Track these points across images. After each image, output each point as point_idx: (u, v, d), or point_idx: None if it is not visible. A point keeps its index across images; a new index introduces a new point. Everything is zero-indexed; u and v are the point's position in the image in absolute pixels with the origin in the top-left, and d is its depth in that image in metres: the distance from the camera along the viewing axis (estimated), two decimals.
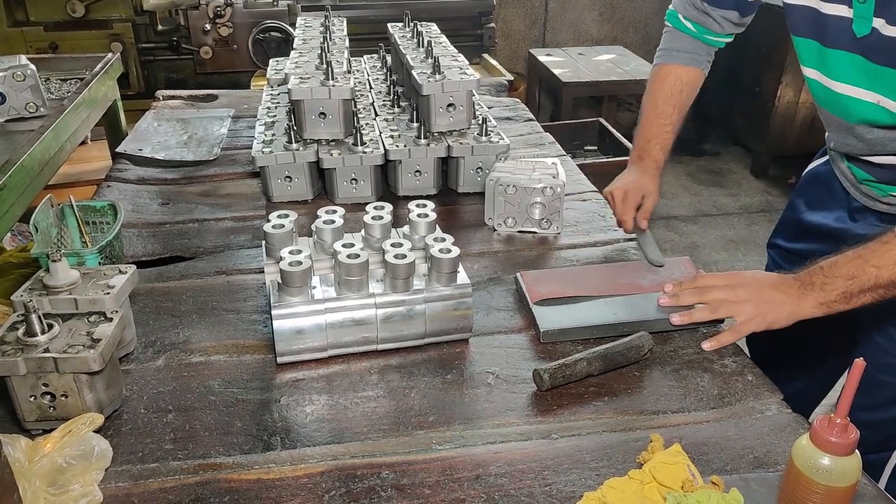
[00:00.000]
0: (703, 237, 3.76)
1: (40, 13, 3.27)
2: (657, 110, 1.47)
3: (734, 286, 1.16)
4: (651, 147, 1.46)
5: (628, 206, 1.41)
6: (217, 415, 1.01)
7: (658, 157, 1.46)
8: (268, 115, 1.76)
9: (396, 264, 1.09)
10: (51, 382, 0.93)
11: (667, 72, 1.48)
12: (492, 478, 0.90)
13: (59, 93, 2.03)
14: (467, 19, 3.69)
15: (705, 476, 0.88)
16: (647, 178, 1.45)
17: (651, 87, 1.50)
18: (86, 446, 0.89)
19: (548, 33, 4.77)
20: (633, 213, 1.41)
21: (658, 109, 1.47)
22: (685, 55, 1.47)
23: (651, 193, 1.43)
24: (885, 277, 1.04)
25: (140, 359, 1.12)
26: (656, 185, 1.45)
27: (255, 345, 1.15)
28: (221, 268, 1.37)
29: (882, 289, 1.05)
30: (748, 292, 1.14)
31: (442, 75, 1.57)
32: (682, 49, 1.47)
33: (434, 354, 1.13)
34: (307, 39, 1.86)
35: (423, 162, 1.60)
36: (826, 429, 0.77)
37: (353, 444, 0.96)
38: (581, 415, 1.01)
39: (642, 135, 1.49)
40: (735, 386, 1.07)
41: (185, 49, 3.40)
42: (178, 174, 1.76)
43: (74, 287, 1.02)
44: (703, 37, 1.46)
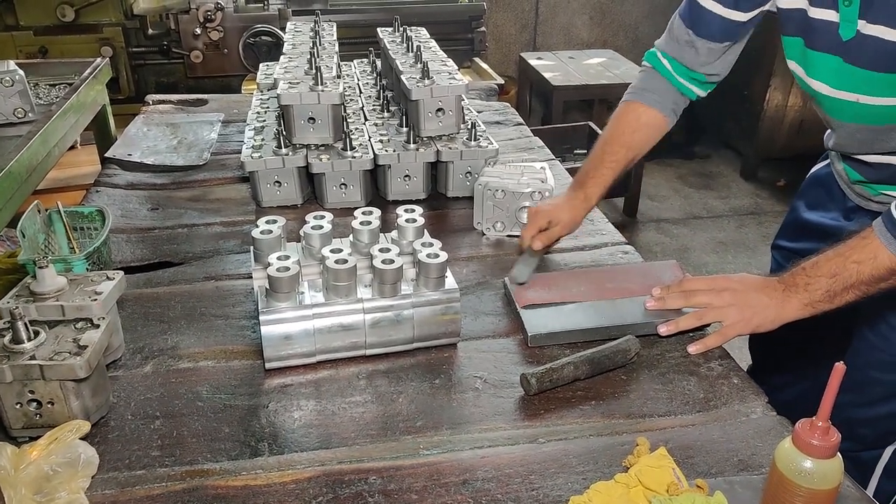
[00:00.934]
0: (694, 239, 3.78)
1: (30, 17, 3.26)
2: (605, 147, 1.42)
3: (719, 290, 1.17)
4: (587, 181, 1.41)
5: (531, 227, 1.37)
6: (205, 421, 1.01)
7: (590, 193, 1.40)
8: (257, 119, 1.76)
9: (384, 269, 1.09)
10: (37, 390, 0.93)
11: (627, 110, 1.43)
12: (479, 482, 0.91)
13: (48, 98, 2.02)
14: (458, 23, 3.70)
15: (690, 479, 0.89)
16: (567, 208, 1.39)
17: (609, 123, 1.45)
18: (72, 454, 0.89)
19: (538, 37, 4.78)
20: (533, 234, 1.36)
21: (606, 146, 1.42)
22: (651, 96, 1.41)
23: (561, 222, 1.38)
24: (865, 273, 1.06)
25: (128, 365, 1.12)
26: (574, 216, 1.39)
27: (243, 350, 1.15)
28: (210, 273, 1.37)
29: (864, 285, 1.07)
30: (733, 296, 1.15)
31: (431, 80, 1.58)
32: (650, 89, 1.41)
33: (422, 359, 1.13)
34: (297, 44, 1.86)
35: (412, 166, 1.61)
36: (808, 432, 0.77)
37: (340, 449, 0.96)
38: (568, 419, 1.02)
39: (584, 167, 1.45)
40: (721, 389, 1.07)
41: (175, 53, 3.40)
42: (168, 179, 1.76)
43: (61, 293, 1.02)
44: (675, 79, 1.39)
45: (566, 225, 1.38)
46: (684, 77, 1.39)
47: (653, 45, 1.44)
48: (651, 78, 1.42)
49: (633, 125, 1.41)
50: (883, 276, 1.05)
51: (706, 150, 4.66)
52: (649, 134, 1.42)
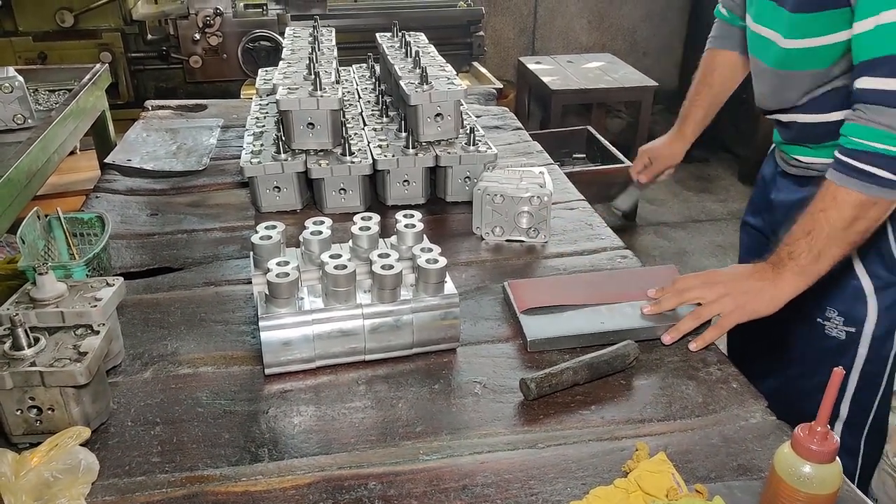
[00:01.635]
0: (693, 243, 3.78)
1: (29, 23, 3.26)
2: (692, 91, 1.69)
3: (711, 284, 1.19)
4: (681, 122, 1.71)
5: (637, 163, 1.75)
6: (205, 427, 1.01)
7: (685, 131, 1.70)
8: (256, 125, 1.76)
9: (383, 275, 1.09)
10: (37, 396, 0.93)
11: (705, 57, 1.67)
12: (478, 488, 0.91)
13: (47, 104, 2.03)
14: (457, 28, 3.70)
15: (690, 484, 0.89)
16: (667, 146, 1.72)
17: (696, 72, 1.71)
18: (72, 460, 0.89)
19: (537, 41, 4.79)
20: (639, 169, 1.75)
21: (693, 91, 1.68)
22: (721, 41, 1.62)
23: (660, 157, 1.72)
24: (834, 218, 1.09)
25: (127, 371, 1.12)
26: (674, 152, 1.71)
27: (243, 356, 1.16)
28: (210, 279, 1.37)
29: (840, 233, 1.09)
30: (726, 287, 1.17)
31: (429, 85, 1.58)
32: (719, 35, 1.62)
33: (421, 364, 1.14)
34: (296, 49, 1.87)
35: (411, 171, 1.61)
36: (807, 437, 0.78)
37: (340, 455, 0.96)
38: (567, 424, 1.02)
39: (681, 111, 1.73)
40: (720, 394, 1.08)
41: (174, 58, 3.40)
42: (167, 185, 1.76)
43: (61, 300, 1.02)
44: (736, 22, 1.55)
45: (665, 158, 1.71)
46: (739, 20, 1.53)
47: (651, 48, 1.52)
48: (719, 25, 1.63)
49: (710, 66, 1.64)
50: (849, 216, 1.08)
51: (704, 154, 4.67)
52: (727, 72, 1.63)
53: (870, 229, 1.11)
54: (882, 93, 1.06)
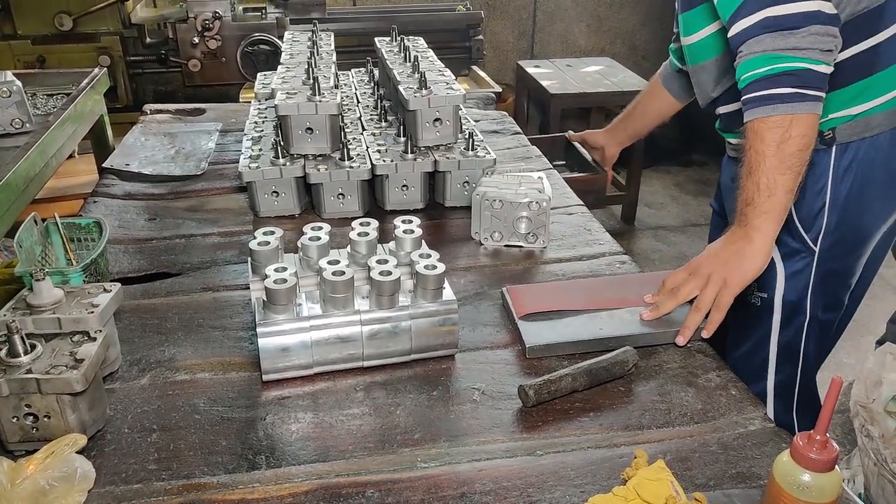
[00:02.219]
0: (691, 247, 3.78)
1: (28, 27, 3.26)
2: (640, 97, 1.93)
3: (696, 273, 1.20)
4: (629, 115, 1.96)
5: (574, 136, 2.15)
6: (202, 434, 1.01)
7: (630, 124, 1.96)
8: (255, 129, 1.76)
9: (382, 281, 1.09)
10: (33, 403, 0.92)
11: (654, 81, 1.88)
12: (476, 496, 0.90)
13: (45, 108, 2.02)
14: (455, 31, 3.70)
15: (688, 492, 0.88)
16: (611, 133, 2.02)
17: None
18: (68, 468, 0.89)
19: (536, 45, 4.79)
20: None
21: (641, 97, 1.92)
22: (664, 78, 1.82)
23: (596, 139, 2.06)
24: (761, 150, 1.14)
25: (125, 377, 1.11)
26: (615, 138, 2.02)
27: (240, 362, 1.15)
28: (208, 284, 1.37)
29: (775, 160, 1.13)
30: (710, 268, 1.19)
31: (428, 90, 1.58)
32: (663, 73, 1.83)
33: (420, 371, 1.13)
34: (294, 54, 1.87)
35: (409, 176, 1.61)
36: (806, 445, 0.77)
37: (338, 462, 0.96)
38: (566, 431, 1.02)
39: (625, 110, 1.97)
40: (719, 400, 1.07)
41: (173, 62, 3.40)
42: (166, 189, 1.76)
43: (58, 306, 1.02)
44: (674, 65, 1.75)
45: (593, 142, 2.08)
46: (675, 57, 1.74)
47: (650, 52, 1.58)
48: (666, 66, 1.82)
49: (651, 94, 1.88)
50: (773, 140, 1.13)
51: (703, 158, 4.67)
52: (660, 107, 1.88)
53: (805, 147, 1.14)
54: (747, 29, 1.14)
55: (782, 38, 1.12)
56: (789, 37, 1.11)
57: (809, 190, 1.35)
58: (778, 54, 1.12)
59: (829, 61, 1.13)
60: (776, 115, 1.13)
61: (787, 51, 1.11)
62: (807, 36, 1.10)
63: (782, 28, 1.11)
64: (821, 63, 1.12)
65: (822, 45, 1.11)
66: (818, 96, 1.13)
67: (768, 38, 1.13)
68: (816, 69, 1.12)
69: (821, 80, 1.13)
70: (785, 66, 1.12)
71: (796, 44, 1.11)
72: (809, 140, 1.14)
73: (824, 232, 1.38)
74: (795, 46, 1.11)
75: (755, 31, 1.13)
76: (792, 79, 1.12)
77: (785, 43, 1.11)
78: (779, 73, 1.12)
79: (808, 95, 1.12)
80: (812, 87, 1.12)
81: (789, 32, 1.11)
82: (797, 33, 1.11)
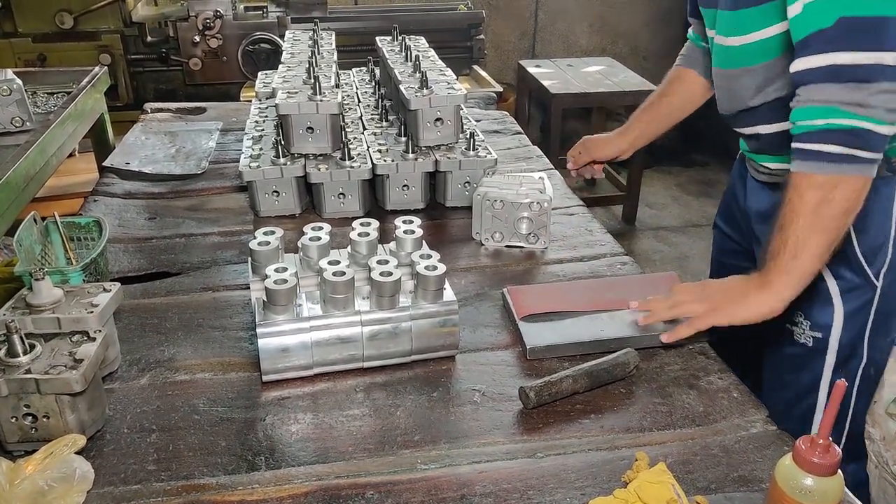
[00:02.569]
0: (692, 247, 3.78)
1: (29, 25, 3.25)
2: (650, 97, 1.68)
3: (703, 299, 1.17)
4: (630, 122, 1.70)
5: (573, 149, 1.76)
6: (201, 434, 1.00)
7: (629, 132, 1.69)
8: (255, 129, 1.76)
9: (382, 282, 1.09)
10: (32, 403, 0.92)
11: (671, 72, 1.66)
12: (476, 498, 0.90)
13: (46, 107, 2.02)
14: (457, 31, 3.69)
15: (690, 495, 0.88)
16: (607, 139, 1.72)
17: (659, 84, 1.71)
18: (67, 468, 0.88)
19: (537, 45, 4.79)
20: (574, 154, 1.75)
21: (651, 97, 1.68)
22: (686, 58, 1.62)
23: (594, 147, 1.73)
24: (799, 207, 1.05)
25: (124, 377, 1.11)
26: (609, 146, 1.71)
27: (240, 362, 1.15)
28: (208, 284, 1.37)
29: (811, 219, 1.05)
30: (716, 301, 1.15)
31: (429, 90, 1.58)
32: (686, 54, 1.62)
33: (420, 372, 1.13)
34: (295, 53, 1.86)
35: (410, 176, 1.60)
36: (808, 449, 0.77)
37: (337, 463, 0.95)
38: (567, 433, 1.01)
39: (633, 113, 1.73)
40: (720, 403, 1.07)
41: (174, 61, 3.39)
42: (166, 188, 1.76)
43: (58, 306, 1.01)
44: (698, 42, 1.56)
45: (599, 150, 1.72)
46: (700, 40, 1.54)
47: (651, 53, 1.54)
48: (688, 46, 1.63)
49: (673, 80, 1.64)
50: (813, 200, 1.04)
51: (705, 158, 4.67)
52: (688, 89, 1.61)
53: (847, 212, 1.05)
54: (811, 71, 1.03)
55: (847, 91, 1.00)
56: (856, 91, 0.99)
57: (872, 220, 1.22)
58: (839, 108, 1.00)
59: (894, 121, 1.01)
60: (821, 175, 1.03)
61: (851, 106, 1.00)
62: (876, 93, 0.98)
63: (850, 79, 0.99)
64: (884, 124, 1.00)
65: (890, 103, 0.99)
66: (873, 159, 1.02)
67: (832, 88, 1.01)
68: (878, 130, 1.00)
69: (880, 142, 1.02)
70: (844, 124, 1.01)
71: (862, 99, 0.99)
72: (854, 205, 1.05)
73: (888, 266, 1.26)
74: (861, 102, 0.99)
75: (819, 77, 1.02)
76: (849, 138, 1.01)
77: (850, 97, 1.00)
78: (835, 130, 1.01)
79: (863, 158, 1.01)
80: (869, 149, 1.01)
81: (856, 86, 0.99)
82: (865, 88, 0.99)
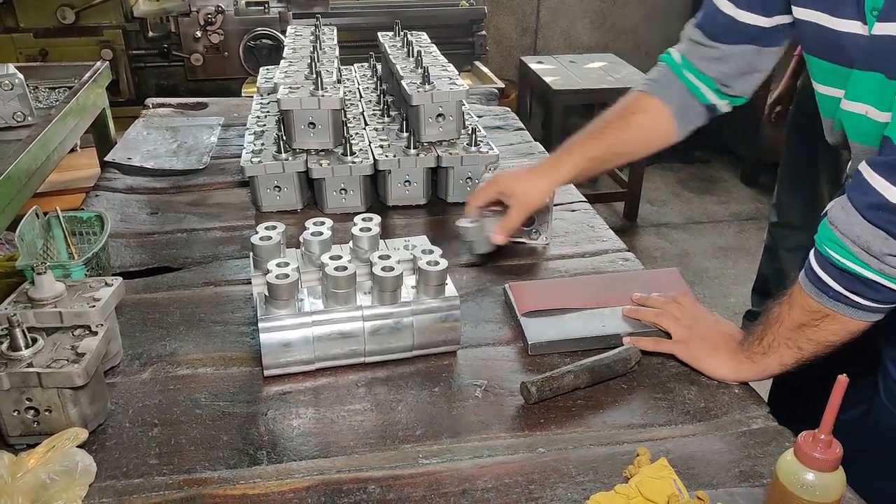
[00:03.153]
0: (694, 245, 3.78)
1: (30, 20, 3.25)
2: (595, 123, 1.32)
3: (689, 325, 1.14)
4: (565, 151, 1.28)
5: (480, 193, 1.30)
6: (203, 428, 1.00)
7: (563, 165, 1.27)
8: (257, 124, 1.76)
9: (384, 277, 1.09)
10: (34, 397, 0.92)
11: (628, 96, 1.34)
12: (478, 492, 0.90)
13: (48, 102, 2.02)
14: (459, 27, 3.69)
15: (691, 491, 0.88)
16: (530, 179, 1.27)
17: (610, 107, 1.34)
18: (69, 462, 0.88)
19: (539, 41, 4.78)
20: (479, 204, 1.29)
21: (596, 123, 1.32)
22: (655, 85, 1.30)
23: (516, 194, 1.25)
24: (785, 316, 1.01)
25: (126, 372, 1.11)
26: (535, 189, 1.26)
27: (242, 357, 1.15)
28: (209, 279, 1.37)
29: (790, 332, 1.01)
30: (694, 334, 1.13)
31: (431, 85, 1.57)
32: (658, 80, 1.31)
33: (422, 367, 1.13)
34: (297, 48, 1.86)
35: (412, 172, 1.60)
36: (810, 445, 0.77)
37: (339, 458, 0.95)
38: (568, 428, 1.01)
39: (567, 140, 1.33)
40: (721, 398, 1.07)
41: (175, 56, 3.39)
42: (167, 183, 1.76)
43: (60, 300, 1.01)
44: (683, 75, 1.27)
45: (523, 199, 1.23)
46: (694, 74, 1.25)
47: (653, 49, 1.40)
48: (661, 71, 1.31)
49: (633, 107, 1.29)
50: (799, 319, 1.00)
51: (706, 155, 4.66)
52: (649, 120, 1.28)
53: (828, 345, 0.99)
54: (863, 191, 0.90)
55: (885, 243, 0.88)
56: (893, 243, 0.87)
57: None
58: (867, 260, 0.90)
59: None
60: (816, 302, 0.97)
61: (882, 257, 0.89)
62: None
63: (891, 230, 0.87)
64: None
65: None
66: (880, 310, 0.94)
67: (870, 232, 0.88)
68: (893, 287, 0.91)
69: (892, 296, 0.92)
70: (864, 275, 0.91)
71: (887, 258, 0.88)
72: (839, 339, 0.98)
73: None
74: (885, 260, 0.89)
75: (873, 209, 0.88)
76: (861, 287, 0.92)
77: (888, 248, 0.88)
78: (852, 275, 0.92)
79: (868, 307, 0.94)
80: (879, 302, 0.93)
81: (888, 239, 0.88)
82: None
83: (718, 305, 3.20)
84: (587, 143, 1.29)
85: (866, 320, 0.95)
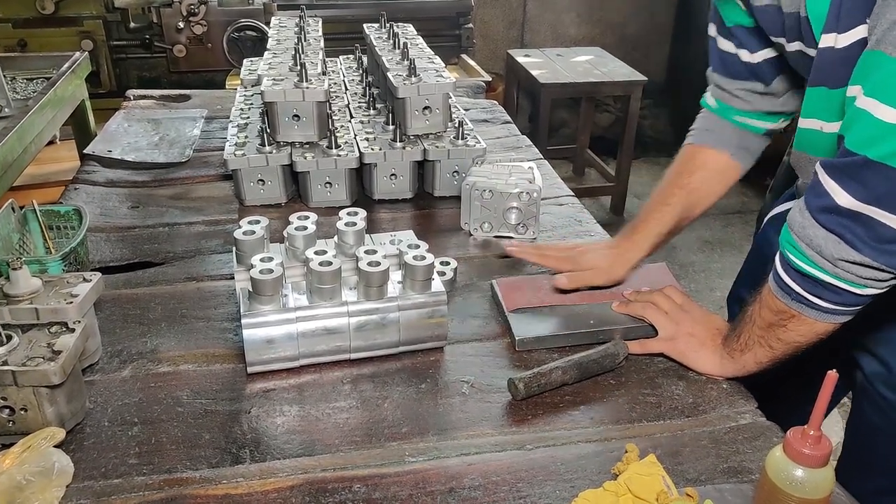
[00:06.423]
0: (680, 239, 3.77)
1: (9, 10, 3.19)
2: (660, 191, 1.31)
3: (678, 321, 1.13)
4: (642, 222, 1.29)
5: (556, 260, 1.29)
6: (184, 427, 0.98)
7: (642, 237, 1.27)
8: (241, 116, 1.73)
9: (370, 272, 1.07)
10: (9, 396, 0.90)
11: (684, 152, 1.32)
12: (465, 491, 0.89)
13: (25, 93, 1.98)
14: (445, 20, 3.67)
15: (680, 487, 0.87)
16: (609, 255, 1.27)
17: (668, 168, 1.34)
18: (46, 462, 0.86)
19: (526, 34, 4.76)
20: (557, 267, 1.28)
21: (661, 190, 1.31)
22: (708, 135, 1.29)
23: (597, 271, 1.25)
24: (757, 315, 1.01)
25: (105, 369, 1.09)
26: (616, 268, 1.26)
27: (225, 354, 1.13)
28: (192, 274, 1.34)
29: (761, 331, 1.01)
30: (682, 329, 1.12)
31: (418, 78, 1.55)
32: (707, 128, 1.30)
33: (408, 363, 1.11)
34: (281, 40, 1.83)
35: (398, 165, 1.58)
36: (799, 440, 0.76)
37: (324, 456, 0.94)
38: (556, 424, 1.00)
39: (641, 210, 1.33)
40: (709, 394, 1.06)
41: (157, 47, 3.34)
42: (149, 176, 1.73)
43: (36, 296, 0.99)
44: (729, 117, 1.27)
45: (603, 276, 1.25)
46: (738, 114, 1.26)
47: (640, 43, 1.40)
48: (706, 118, 1.32)
49: (690, 166, 1.30)
50: (768, 319, 0.99)
51: None
52: (710, 176, 1.29)
53: (797, 346, 0.99)
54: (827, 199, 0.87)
55: (836, 247, 0.86)
56: (844, 248, 0.86)
57: None
58: (822, 264, 0.89)
59: (883, 288, 0.89)
60: (783, 303, 0.96)
61: (835, 262, 0.88)
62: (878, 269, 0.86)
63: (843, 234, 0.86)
64: (871, 289, 0.89)
65: (886, 277, 0.87)
66: (845, 312, 0.92)
67: (822, 235, 0.87)
68: (861, 293, 0.89)
69: (860, 302, 0.91)
70: (821, 279, 0.90)
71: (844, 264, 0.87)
72: (806, 340, 0.97)
73: None
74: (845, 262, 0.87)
75: (825, 212, 0.87)
76: (821, 290, 0.91)
77: (839, 253, 0.86)
78: (811, 278, 0.91)
79: (835, 311, 0.92)
80: (841, 304, 0.91)
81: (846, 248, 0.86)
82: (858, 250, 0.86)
83: (704, 298, 3.21)
84: (657, 215, 1.29)
85: (832, 322, 0.94)
